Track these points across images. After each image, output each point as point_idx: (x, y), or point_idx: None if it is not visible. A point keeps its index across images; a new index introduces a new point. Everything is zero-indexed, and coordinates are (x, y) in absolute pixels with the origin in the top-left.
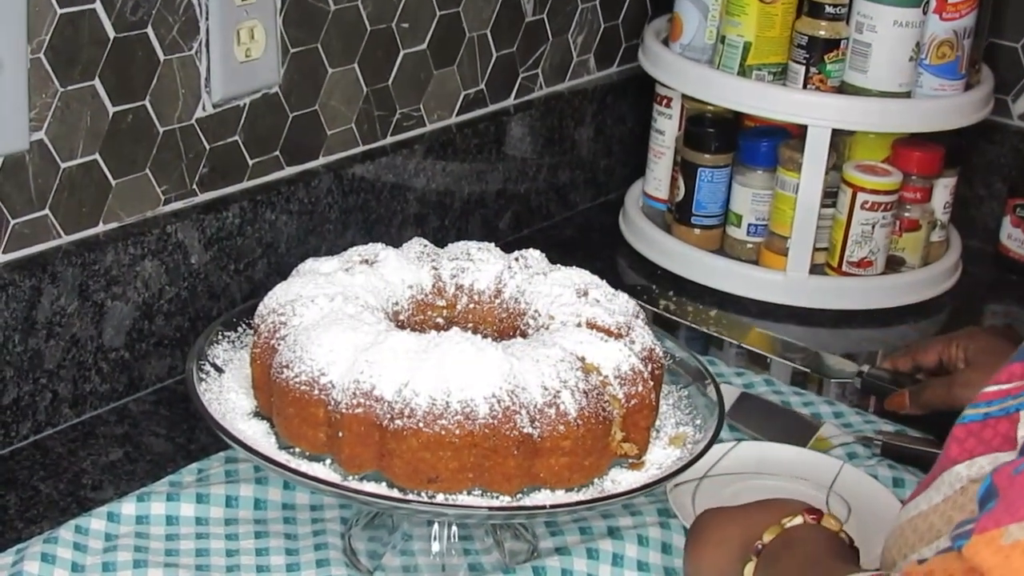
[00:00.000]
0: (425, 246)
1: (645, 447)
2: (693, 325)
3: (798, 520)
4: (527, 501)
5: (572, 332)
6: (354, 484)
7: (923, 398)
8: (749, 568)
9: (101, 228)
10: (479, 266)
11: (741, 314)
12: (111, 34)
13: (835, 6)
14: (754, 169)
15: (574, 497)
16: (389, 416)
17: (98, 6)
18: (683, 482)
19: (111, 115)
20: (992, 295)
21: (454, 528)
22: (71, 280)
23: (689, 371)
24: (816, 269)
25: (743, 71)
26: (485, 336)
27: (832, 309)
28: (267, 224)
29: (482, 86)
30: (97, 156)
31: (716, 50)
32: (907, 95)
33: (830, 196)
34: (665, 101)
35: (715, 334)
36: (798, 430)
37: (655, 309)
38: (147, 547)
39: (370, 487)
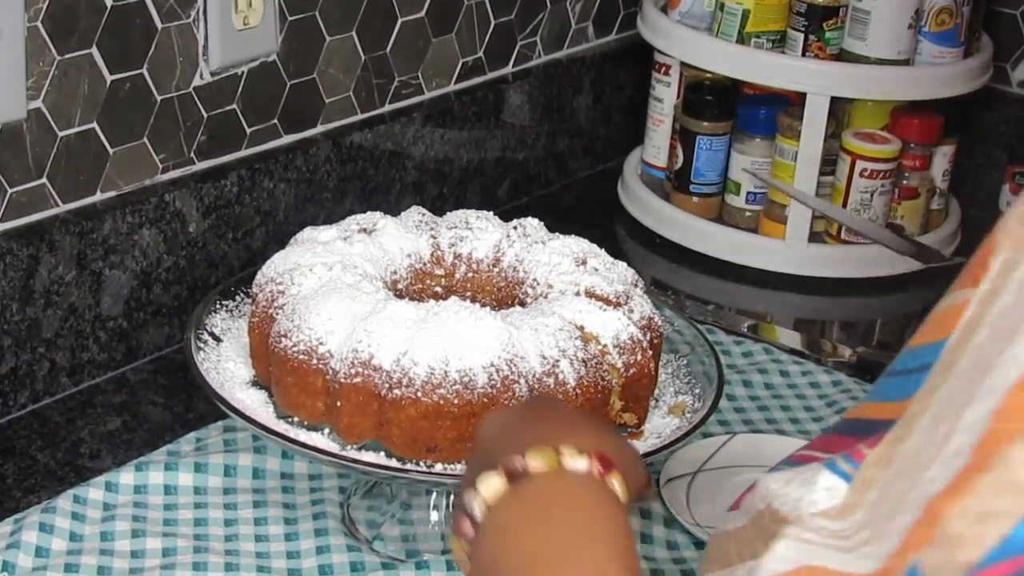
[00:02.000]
0: (423, 215)
1: (644, 416)
2: (692, 293)
3: (581, 464)
4: None
5: (571, 301)
6: (352, 453)
7: None
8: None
9: (99, 197)
10: (477, 235)
11: (740, 282)
12: (108, 2)
13: None
14: (753, 137)
15: None
16: (387, 385)
17: None
18: (677, 476)
19: (109, 83)
20: None
21: (452, 497)
22: (69, 249)
23: (688, 340)
24: (815, 237)
25: (742, 39)
26: (484, 305)
27: (831, 277)
28: (265, 192)
29: (480, 54)
30: (95, 124)
31: (715, 18)
32: (906, 63)
33: (829, 164)
34: (664, 69)
35: (714, 302)
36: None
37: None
38: (145, 516)
39: (368, 456)
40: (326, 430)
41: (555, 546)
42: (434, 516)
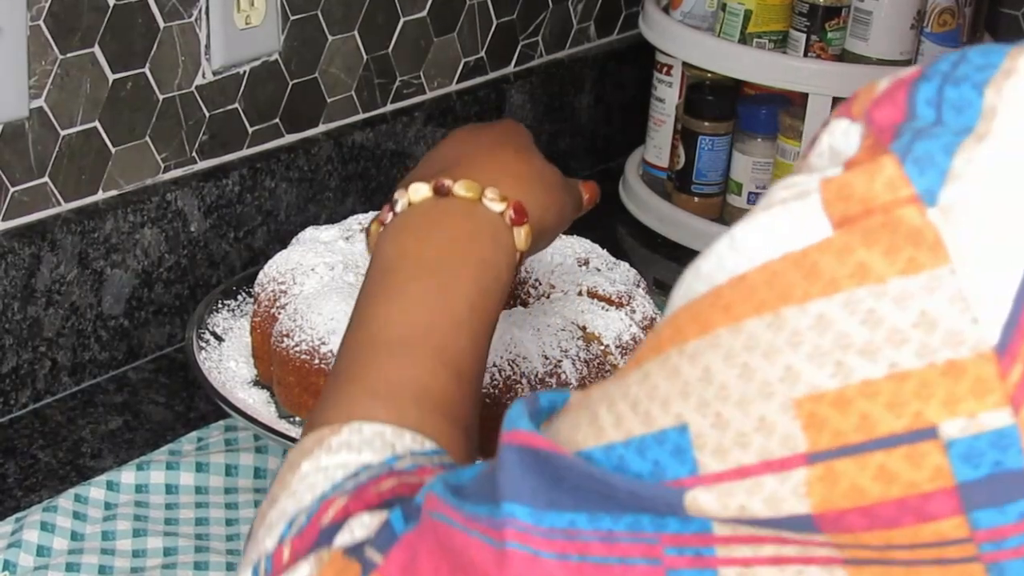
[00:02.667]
0: None
1: None
2: None
3: (497, 207)
4: None
5: (573, 301)
6: None
7: None
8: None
9: (100, 196)
10: None
11: None
12: (111, 1)
13: None
14: (754, 137)
15: None
16: None
17: None
18: None
19: (111, 82)
20: None
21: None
22: (70, 248)
23: None
24: None
25: (744, 39)
26: None
27: None
28: (267, 192)
29: (482, 53)
30: (97, 123)
31: (717, 18)
32: (908, 63)
33: None
34: (665, 69)
35: None
36: None
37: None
38: (147, 516)
39: None
40: None
41: (428, 251)
42: None
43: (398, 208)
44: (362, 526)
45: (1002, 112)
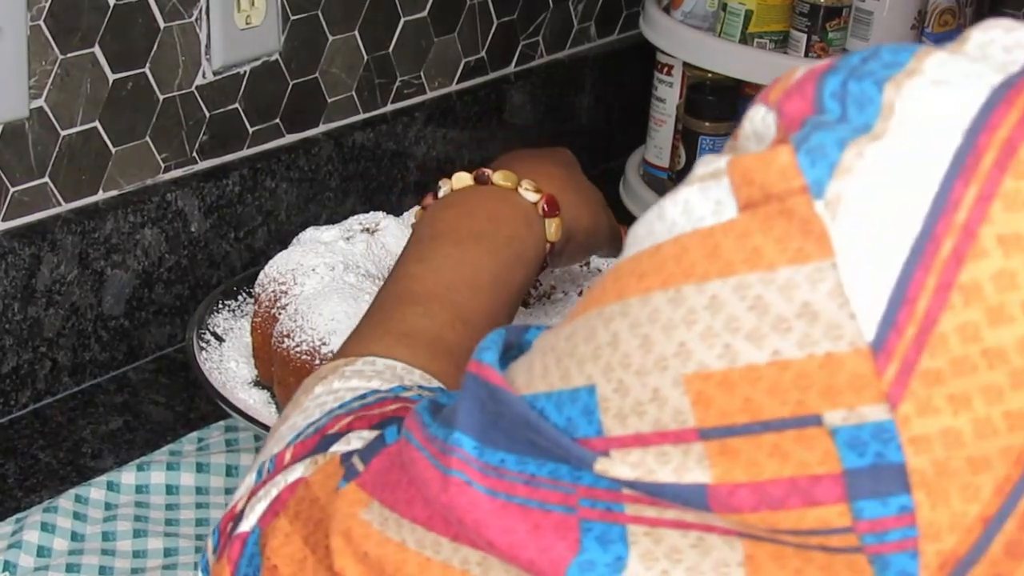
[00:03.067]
0: None
1: None
2: None
3: (531, 196)
4: None
5: (573, 301)
6: None
7: None
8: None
9: (101, 196)
10: None
11: None
12: (111, 1)
13: None
14: None
15: None
16: None
17: None
18: None
19: (111, 82)
20: None
21: None
22: (71, 248)
23: None
24: None
25: (744, 39)
26: None
27: None
28: (267, 192)
29: (483, 54)
30: (97, 124)
31: (717, 18)
32: None
33: None
34: (666, 69)
35: None
36: None
37: None
38: (147, 516)
39: None
40: None
41: (462, 225)
42: None
43: (440, 194)
44: (360, 439)
45: (899, 111)
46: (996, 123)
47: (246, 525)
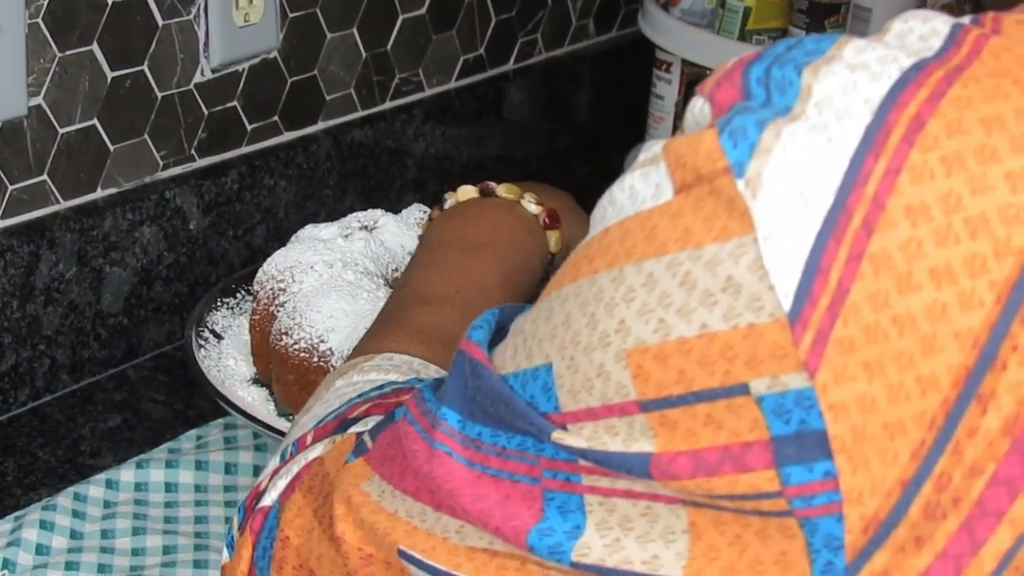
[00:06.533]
0: (424, 212)
1: None
2: None
3: (533, 208)
4: None
5: None
6: None
7: None
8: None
9: (99, 194)
10: None
11: None
12: None
13: None
14: None
15: None
16: None
17: None
18: None
19: (109, 80)
20: None
21: None
22: (69, 246)
23: None
24: None
25: (743, 36)
26: None
27: None
28: (266, 190)
29: (481, 51)
30: (95, 121)
31: (716, 15)
32: None
33: None
34: (665, 66)
35: None
36: None
37: None
38: (146, 514)
39: None
40: None
41: (468, 234)
42: None
43: (446, 206)
44: (375, 421)
45: (816, 92)
46: (906, 101)
47: (267, 500)
